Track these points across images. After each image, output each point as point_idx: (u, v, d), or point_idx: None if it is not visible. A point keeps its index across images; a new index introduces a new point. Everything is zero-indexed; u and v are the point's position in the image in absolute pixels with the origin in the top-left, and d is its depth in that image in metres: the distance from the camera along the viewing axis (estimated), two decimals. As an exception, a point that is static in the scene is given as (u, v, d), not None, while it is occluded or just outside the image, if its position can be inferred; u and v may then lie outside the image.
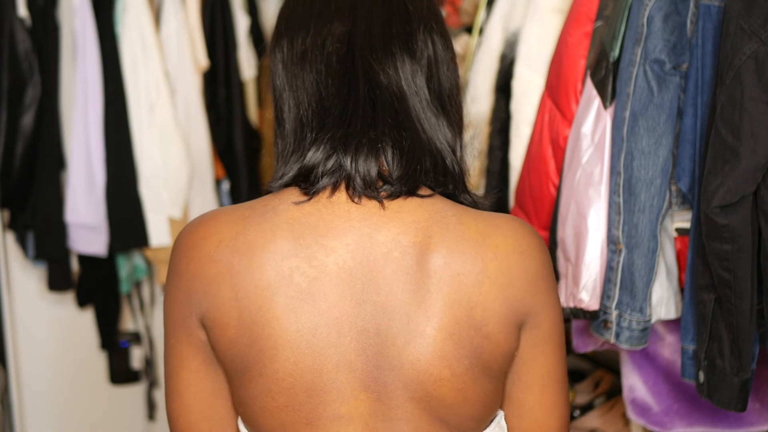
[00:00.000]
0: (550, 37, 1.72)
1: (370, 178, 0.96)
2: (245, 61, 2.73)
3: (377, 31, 1.00)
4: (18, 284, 2.73)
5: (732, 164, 1.27)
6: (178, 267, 0.99)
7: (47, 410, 2.84)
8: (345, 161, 0.96)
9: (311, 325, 0.95)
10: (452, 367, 0.96)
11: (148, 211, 2.51)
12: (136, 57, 2.46)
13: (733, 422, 1.65)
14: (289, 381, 0.95)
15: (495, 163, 1.86)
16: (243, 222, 0.97)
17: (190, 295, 0.98)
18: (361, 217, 0.96)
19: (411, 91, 1.00)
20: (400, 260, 0.95)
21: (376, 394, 0.96)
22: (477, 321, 0.96)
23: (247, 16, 2.75)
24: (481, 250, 0.97)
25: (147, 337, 2.88)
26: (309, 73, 1.00)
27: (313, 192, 0.97)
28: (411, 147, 0.98)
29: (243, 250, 0.96)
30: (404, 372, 0.95)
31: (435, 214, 0.97)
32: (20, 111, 2.43)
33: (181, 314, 0.99)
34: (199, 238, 0.98)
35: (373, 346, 0.95)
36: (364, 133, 0.97)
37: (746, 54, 1.25)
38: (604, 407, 2.21)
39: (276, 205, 0.98)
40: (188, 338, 1.00)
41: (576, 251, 1.54)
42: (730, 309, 1.32)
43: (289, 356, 0.95)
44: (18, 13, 2.40)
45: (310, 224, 0.96)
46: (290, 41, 1.02)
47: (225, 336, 0.97)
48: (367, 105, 0.98)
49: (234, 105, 2.69)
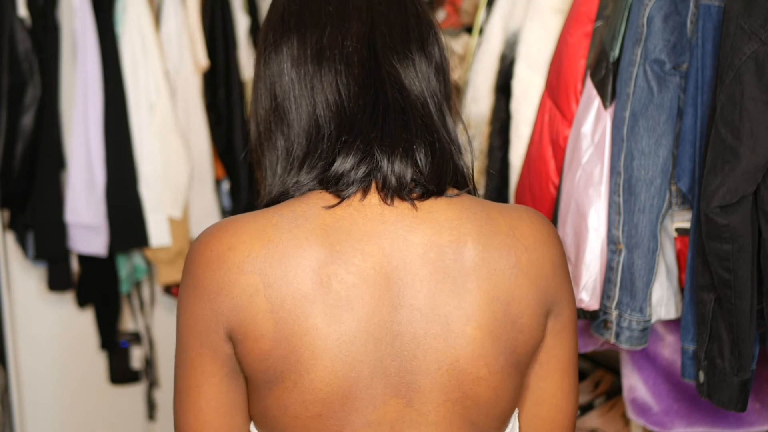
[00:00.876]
0: (550, 37, 1.72)
1: (405, 180, 0.95)
2: (245, 61, 2.73)
3: (396, 34, 1.00)
4: (18, 284, 2.73)
5: (732, 164, 1.27)
6: (200, 279, 0.95)
7: (47, 410, 2.84)
8: (382, 163, 0.95)
9: (350, 333, 0.93)
10: (489, 366, 0.96)
11: (148, 211, 2.51)
12: (136, 57, 2.46)
13: (733, 422, 1.65)
14: (326, 391, 0.93)
15: (495, 163, 1.86)
16: (273, 230, 0.94)
17: (216, 308, 0.94)
18: (394, 219, 0.95)
19: (430, 93, 1.00)
20: (437, 261, 0.95)
21: (407, 400, 0.95)
22: (513, 315, 0.97)
23: (247, 16, 2.75)
24: (513, 243, 0.98)
25: (147, 337, 2.88)
26: (327, 73, 0.98)
27: (345, 195, 0.95)
28: (441, 149, 0.98)
29: (276, 259, 0.93)
30: (441, 374, 0.95)
31: (465, 212, 0.97)
32: (20, 111, 2.43)
33: (206, 328, 0.95)
34: (224, 248, 0.94)
35: (409, 350, 0.94)
36: (398, 135, 0.96)
37: (746, 54, 1.25)
38: (604, 407, 2.21)
39: (305, 210, 0.95)
40: (213, 352, 0.95)
41: (576, 251, 1.54)
42: (730, 309, 1.32)
43: (328, 365, 0.93)
44: (18, 13, 2.40)
45: (344, 229, 0.94)
46: (301, 38, 1.00)
47: (257, 348, 0.93)
48: (398, 107, 0.97)
49: (234, 105, 2.68)
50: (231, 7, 2.68)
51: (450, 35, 2.19)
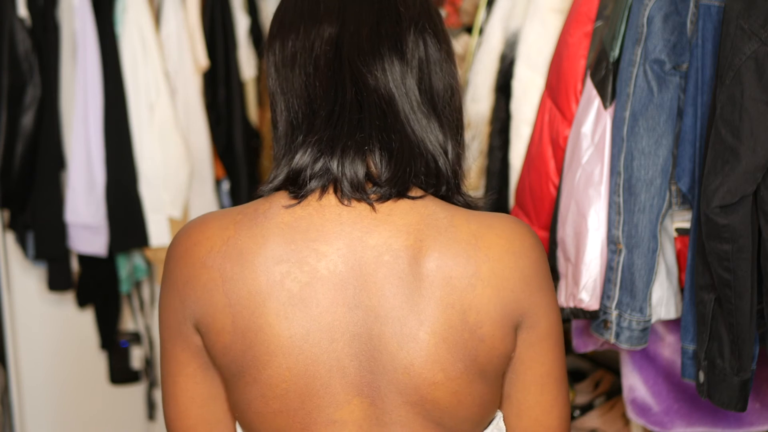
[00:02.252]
0: (550, 37, 1.72)
1: (357, 181, 0.96)
2: (245, 61, 2.73)
3: (366, 33, 1.00)
4: (18, 284, 2.73)
5: (732, 164, 1.27)
6: (171, 273, 0.99)
7: (47, 410, 2.84)
8: (332, 164, 0.96)
9: (303, 331, 0.94)
10: (446, 371, 0.95)
11: (148, 211, 2.51)
12: (136, 57, 2.46)
13: (733, 422, 1.65)
14: (283, 387, 0.95)
15: (495, 163, 1.86)
16: (234, 227, 0.97)
17: (183, 301, 0.98)
18: (352, 220, 0.96)
19: (400, 92, 0.99)
20: (392, 264, 0.95)
21: (370, 399, 0.96)
22: (471, 324, 0.95)
23: (247, 16, 2.75)
24: (474, 252, 0.96)
25: (147, 337, 2.88)
26: (298, 76, 1.00)
27: (301, 195, 0.96)
28: (400, 149, 0.97)
29: (235, 255, 0.96)
30: (398, 376, 0.95)
31: (426, 217, 0.97)
32: (20, 111, 2.43)
33: (176, 320, 0.99)
34: (191, 243, 0.98)
35: (366, 351, 0.95)
36: (350, 135, 0.96)
37: (746, 54, 1.25)
38: (604, 407, 2.21)
39: (267, 209, 0.97)
40: (184, 343, 0.99)
41: (576, 251, 1.54)
42: (730, 309, 1.32)
43: (282, 362, 0.95)
44: (18, 13, 2.40)
45: (301, 228, 0.96)
46: (282, 43, 1.03)
47: (219, 342, 0.97)
48: (354, 107, 0.97)
49: (234, 105, 2.68)
50: (231, 7, 2.68)
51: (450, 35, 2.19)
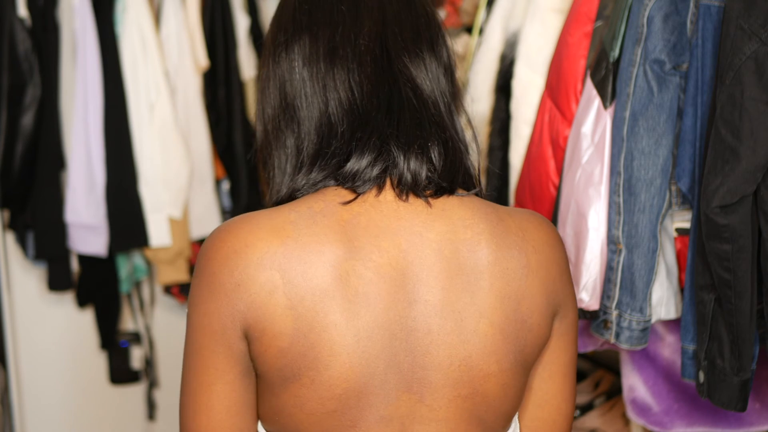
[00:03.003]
0: (550, 37, 1.72)
1: (420, 177, 0.97)
2: (245, 61, 2.73)
3: (407, 33, 1.01)
4: (18, 284, 2.73)
5: (732, 164, 1.27)
6: (216, 276, 0.94)
7: (47, 410, 2.84)
8: (398, 160, 0.96)
9: (368, 328, 0.93)
10: (500, 363, 0.97)
11: (148, 211, 2.51)
12: (136, 57, 2.46)
13: (733, 422, 1.65)
14: (344, 387, 0.94)
15: (495, 163, 1.86)
16: (291, 227, 0.94)
17: (233, 305, 0.93)
18: (409, 216, 0.97)
19: (440, 93, 1.02)
20: (451, 258, 0.96)
21: (419, 395, 0.96)
22: (523, 314, 0.99)
23: (247, 16, 2.75)
24: (524, 244, 1.00)
25: (147, 337, 2.88)
26: (340, 71, 0.99)
27: (361, 191, 0.96)
28: (453, 147, 1.00)
29: (296, 255, 0.93)
30: (454, 369, 0.96)
31: (477, 211, 0.99)
32: (20, 111, 2.43)
33: (221, 325, 0.94)
34: (241, 246, 0.94)
35: (423, 345, 0.95)
36: (413, 132, 0.97)
37: (746, 54, 1.25)
38: (604, 407, 2.21)
39: (322, 207, 0.96)
40: (227, 350, 0.95)
41: (576, 251, 1.54)
42: (730, 309, 1.32)
43: (345, 361, 0.93)
44: (18, 13, 2.40)
45: (360, 225, 0.95)
46: (313, 37, 1.01)
47: (275, 345, 0.94)
48: (412, 105, 0.98)
49: (234, 105, 2.68)
50: (231, 7, 2.68)
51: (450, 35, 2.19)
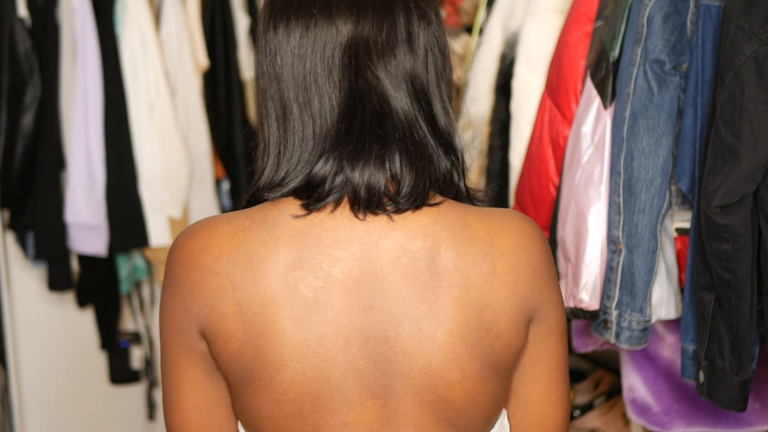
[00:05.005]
0: (550, 37, 1.72)
1: (377, 197, 0.95)
2: (245, 61, 2.73)
3: (382, 36, 0.98)
4: (18, 284, 2.73)
5: (732, 164, 1.27)
6: (175, 278, 0.97)
7: (47, 410, 2.84)
8: (352, 179, 0.95)
9: (318, 335, 0.94)
10: (463, 370, 0.96)
11: (148, 211, 2.51)
12: (136, 57, 2.46)
13: (733, 422, 1.65)
14: (297, 391, 0.95)
15: (495, 163, 1.86)
16: (243, 233, 0.96)
17: (189, 307, 0.96)
18: (366, 226, 0.96)
19: (417, 97, 0.98)
20: (409, 266, 0.95)
21: (383, 401, 0.96)
22: (488, 321, 0.96)
23: (247, 16, 2.75)
24: (489, 250, 0.97)
25: (147, 337, 2.88)
26: (309, 77, 0.97)
27: (314, 208, 0.95)
28: (420, 161, 0.97)
29: (245, 262, 0.95)
30: (414, 377, 0.95)
31: (441, 218, 0.97)
32: (20, 111, 2.43)
33: (180, 326, 0.97)
34: (197, 249, 0.96)
35: (382, 352, 0.95)
36: (371, 149, 0.95)
37: (746, 54, 1.25)
38: (604, 407, 2.21)
39: (276, 216, 0.96)
40: (188, 349, 0.98)
41: (576, 251, 1.54)
42: (730, 309, 1.32)
43: (297, 366, 0.94)
44: (18, 13, 2.40)
45: (313, 235, 0.95)
46: (286, 35, 0.99)
47: (228, 348, 0.96)
48: (374, 120, 0.96)
49: (234, 105, 2.68)
50: (231, 7, 2.68)
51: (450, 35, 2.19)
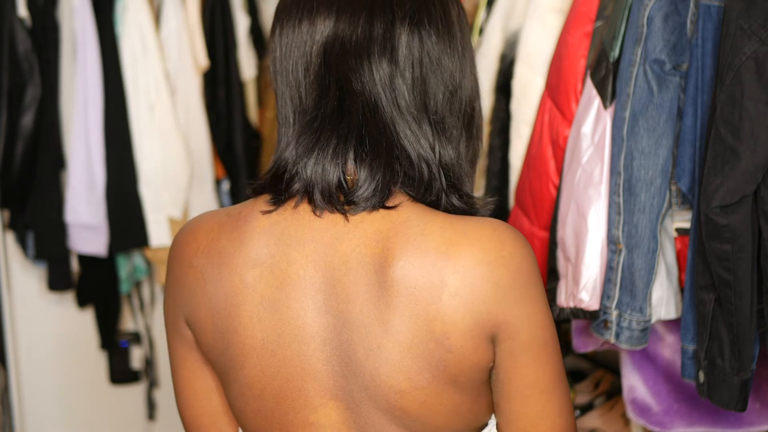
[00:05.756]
0: (550, 37, 1.72)
1: (329, 192, 0.94)
2: (245, 61, 2.73)
3: (357, 36, 0.97)
4: (18, 284, 2.73)
5: (732, 164, 1.27)
6: (169, 270, 1.04)
7: (47, 410, 2.83)
8: (304, 173, 0.95)
9: (275, 334, 0.96)
10: (412, 380, 0.93)
11: (148, 211, 2.51)
12: (136, 57, 2.46)
13: (733, 422, 1.65)
14: (259, 387, 0.98)
15: (495, 163, 1.86)
16: (218, 229, 1.00)
17: (176, 298, 1.03)
18: (323, 227, 0.95)
19: (387, 96, 0.96)
20: (360, 272, 0.93)
21: (345, 403, 0.96)
22: (437, 334, 0.92)
23: (247, 16, 2.75)
24: (442, 262, 0.92)
25: (147, 337, 2.88)
26: (291, 75, 1.00)
27: (278, 202, 0.97)
28: (378, 159, 0.95)
29: (215, 257, 0.98)
30: (366, 383, 0.95)
31: (398, 225, 0.94)
32: (20, 111, 2.43)
33: (173, 316, 1.04)
34: (183, 243, 1.02)
35: (338, 356, 0.95)
36: (327, 144, 0.95)
37: (746, 54, 1.25)
38: (604, 407, 2.21)
39: (248, 213, 0.99)
40: (181, 338, 1.04)
41: (576, 251, 1.54)
42: (730, 309, 1.32)
43: (256, 363, 0.97)
44: (18, 13, 2.40)
45: (275, 233, 0.97)
46: (279, 36, 1.02)
47: (203, 340, 1.01)
48: (336, 114, 0.96)
49: (234, 105, 2.68)
50: (231, 7, 2.68)
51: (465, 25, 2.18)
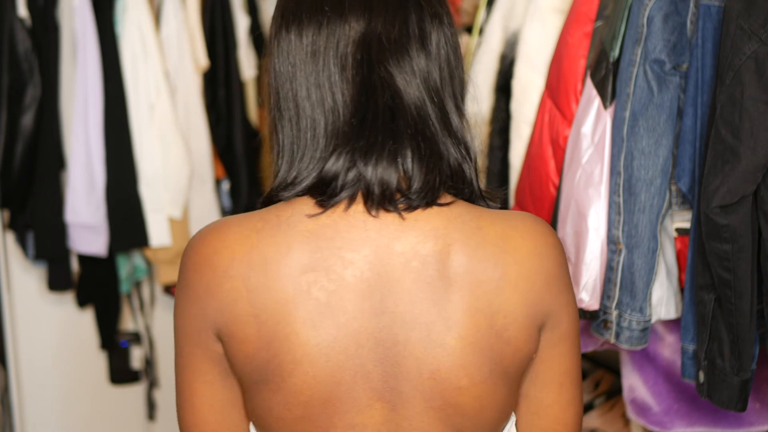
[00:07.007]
0: (550, 37, 1.72)
1: (389, 192, 0.94)
2: (245, 61, 2.73)
3: (395, 33, 0.97)
4: (18, 284, 2.73)
5: (732, 164, 1.27)
6: (190, 281, 0.97)
7: (47, 410, 2.83)
8: (365, 174, 0.94)
9: (330, 338, 0.94)
10: (472, 376, 0.95)
11: (148, 211, 2.51)
12: (136, 57, 2.46)
13: (733, 422, 1.65)
14: (308, 394, 0.95)
15: (495, 163, 1.86)
16: (256, 235, 0.95)
17: (204, 309, 0.96)
18: (378, 227, 0.95)
19: (429, 94, 0.97)
20: (420, 270, 0.94)
21: (391, 404, 0.96)
22: (498, 327, 0.95)
23: (247, 16, 2.75)
24: (502, 256, 0.96)
25: (147, 337, 2.88)
26: (322, 74, 0.97)
27: (329, 205, 0.95)
28: (431, 157, 0.96)
29: (258, 264, 0.94)
30: (423, 382, 0.95)
31: (453, 221, 0.96)
32: (20, 111, 2.43)
33: (196, 328, 0.97)
34: (210, 252, 0.96)
35: (391, 356, 0.95)
36: (384, 145, 0.94)
37: (746, 54, 1.25)
38: (604, 407, 2.21)
39: (289, 216, 0.95)
40: (204, 351, 0.98)
41: (576, 251, 1.54)
42: (730, 309, 1.32)
43: (308, 370, 0.94)
44: (18, 13, 2.40)
45: (326, 236, 0.94)
46: (298, 35, 0.98)
47: (242, 351, 0.95)
48: (387, 115, 0.95)
49: (234, 105, 2.68)
50: (231, 7, 2.68)
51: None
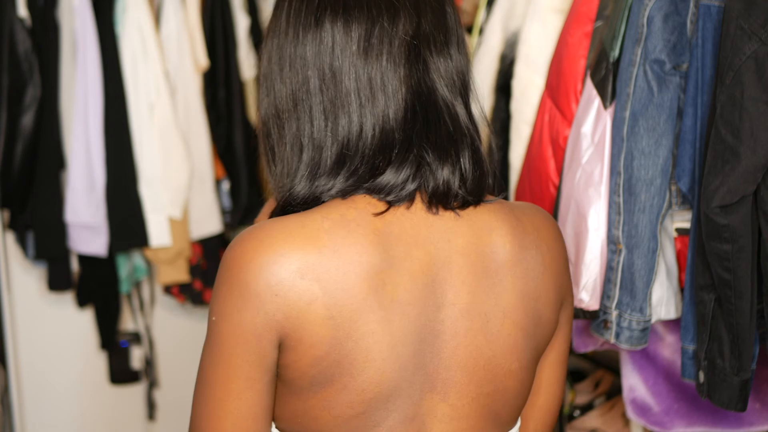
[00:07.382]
0: (550, 37, 1.72)
1: (452, 191, 0.98)
2: (245, 61, 2.73)
3: (439, 34, 0.99)
4: (18, 284, 2.73)
5: (732, 164, 1.27)
6: (250, 286, 0.92)
7: (47, 410, 2.83)
8: (434, 175, 0.97)
9: (401, 335, 0.95)
10: (520, 360, 1.01)
11: (148, 211, 2.51)
12: (136, 57, 2.46)
13: (733, 422, 1.65)
14: (375, 391, 0.95)
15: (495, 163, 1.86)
16: (327, 236, 0.93)
17: (270, 315, 0.92)
18: (439, 223, 0.98)
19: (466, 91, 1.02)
20: (477, 262, 0.99)
21: (442, 394, 0.98)
22: (540, 310, 1.03)
23: (247, 16, 2.75)
24: (539, 243, 1.03)
25: (147, 337, 2.88)
26: (374, 70, 0.96)
27: (395, 203, 0.96)
28: (481, 158, 1.01)
29: (334, 265, 0.92)
30: (478, 369, 0.99)
31: (496, 213, 1.02)
32: (20, 111, 2.43)
33: (254, 335, 0.93)
34: (276, 255, 0.92)
35: (449, 348, 0.98)
36: (447, 145, 0.98)
37: (746, 54, 1.25)
38: (604, 407, 2.21)
39: (355, 216, 0.95)
40: (260, 359, 0.94)
41: (576, 251, 1.54)
42: (730, 309, 1.32)
43: (379, 367, 0.94)
44: (18, 13, 2.40)
45: (393, 234, 0.95)
46: (347, 28, 0.96)
47: (310, 354, 0.93)
48: (444, 117, 0.98)
49: (234, 105, 2.68)
50: (231, 7, 2.68)
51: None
